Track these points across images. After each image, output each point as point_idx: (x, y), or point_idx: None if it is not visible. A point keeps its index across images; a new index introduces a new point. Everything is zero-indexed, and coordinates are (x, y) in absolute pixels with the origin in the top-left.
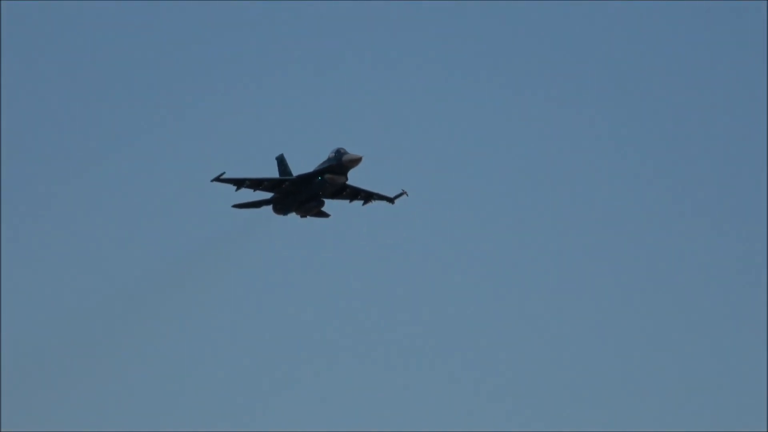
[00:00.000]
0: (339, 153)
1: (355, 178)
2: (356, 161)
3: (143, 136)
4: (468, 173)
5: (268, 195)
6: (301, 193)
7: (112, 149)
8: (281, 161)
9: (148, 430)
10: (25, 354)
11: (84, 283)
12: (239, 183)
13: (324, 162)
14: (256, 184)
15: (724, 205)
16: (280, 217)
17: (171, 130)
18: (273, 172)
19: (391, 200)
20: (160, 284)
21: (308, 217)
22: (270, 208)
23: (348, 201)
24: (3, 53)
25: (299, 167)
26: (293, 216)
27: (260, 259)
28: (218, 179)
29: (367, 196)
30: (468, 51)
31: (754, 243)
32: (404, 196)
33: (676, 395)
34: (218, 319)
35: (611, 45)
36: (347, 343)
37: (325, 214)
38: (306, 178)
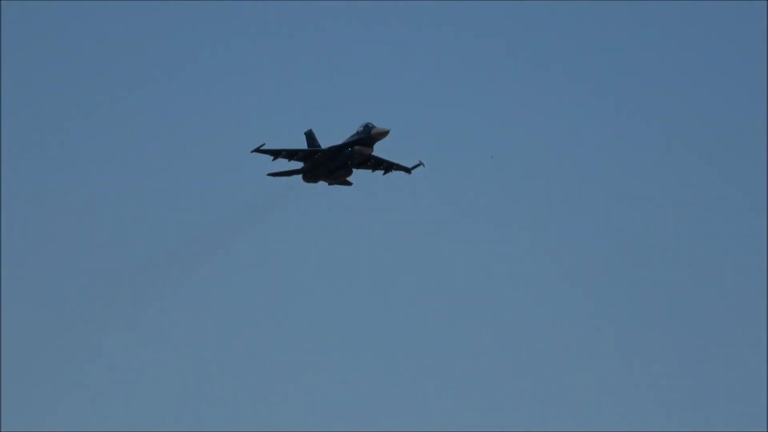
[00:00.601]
0: (368, 127)
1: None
2: (384, 134)
3: (184, 117)
4: (481, 149)
5: (299, 165)
6: (331, 162)
7: (142, 126)
8: (310, 136)
9: (151, 430)
10: (29, 351)
11: (101, 261)
12: (276, 153)
13: (353, 135)
14: (291, 154)
15: (723, 206)
16: (309, 185)
17: (208, 109)
18: (303, 146)
19: (408, 170)
20: (204, 241)
21: (334, 185)
22: (300, 177)
23: (371, 171)
24: (3, 53)
25: (324, 141)
26: (321, 184)
27: (292, 220)
28: (258, 150)
29: (388, 167)
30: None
31: (754, 244)
32: (421, 166)
33: (676, 395)
34: (249, 279)
35: (613, 41)
36: (366, 303)
37: (348, 183)
38: (336, 150)
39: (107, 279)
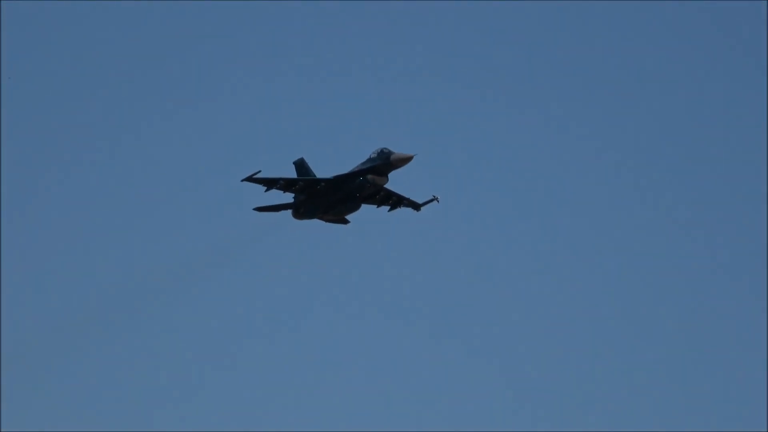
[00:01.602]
0: (384, 153)
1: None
2: (406, 160)
3: (155, 136)
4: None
5: (289, 199)
6: (334, 195)
7: (121, 149)
8: (301, 165)
9: (149, 430)
10: (26, 353)
11: (88, 284)
12: (272, 183)
13: (365, 162)
14: (290, 184)
15: (723, 206)
16: (301, 222)
17: (181, 132)
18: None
19: (417, 207)
20: (166, 285)
21: (331, 222)
22: (290, 212)
23: (376, 206)
24: (3, 53)
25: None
26: (313, 221)
27: (274, 264)
28: (250, 179)
29: (398, 201)
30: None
31: (754, 244)
32: (434, 202)
33: (676, 395)
34: (223, 321)
35: (612, 43)
36: (352, 352)
37: (345, 221)
38: (344, 179)
39: (56, 324)
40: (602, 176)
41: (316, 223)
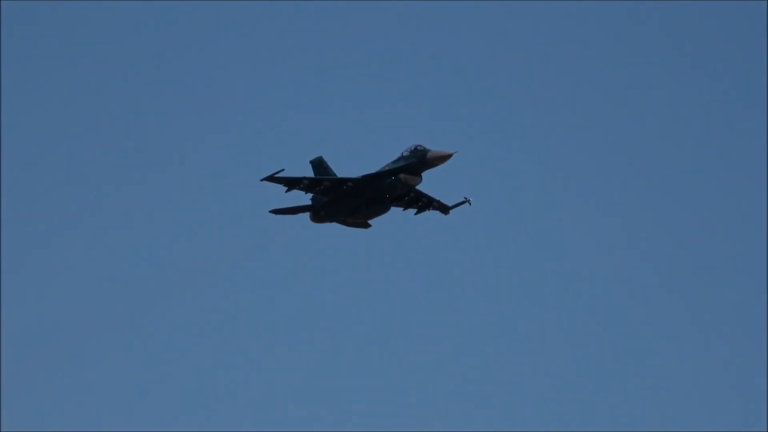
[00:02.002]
0: (419, 150)
1: None
2: (444, 158)
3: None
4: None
5: (307, 200)
6: (360, 196)
7: (136, 148)
8: (319, 164)
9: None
10: (29, 353)
11: (98, 283)
12: (294, 183)
13: (397, 160)
14: (314, 184)
15: (723, 207)
16: (319, 225)
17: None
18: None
19: (446, 210)
20: (178, 288)
21: (353, 226)
22: (308, 215)
23: (402, 208)
24: (3, 53)
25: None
26: (330, 225)
27: (289, 269)
28: (271, 178)
29: (427, 203)
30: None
31: (755, 245)
32: (466, 204)
33: (675, 395)
34: (234, 326)
35: (611, 41)
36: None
37: (366, 224)
38: (374, 179)
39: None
40: (617, 178)
41: (335, 226)
